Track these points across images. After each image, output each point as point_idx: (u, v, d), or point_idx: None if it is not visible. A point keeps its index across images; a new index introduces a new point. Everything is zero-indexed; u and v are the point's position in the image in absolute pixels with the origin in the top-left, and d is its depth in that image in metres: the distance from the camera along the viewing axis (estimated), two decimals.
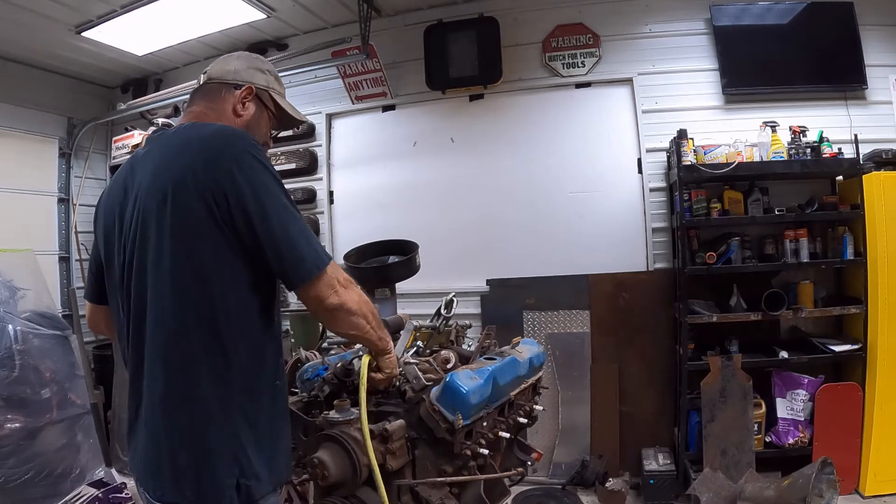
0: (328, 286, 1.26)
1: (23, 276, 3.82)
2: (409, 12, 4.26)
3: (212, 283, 1.21)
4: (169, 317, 1.21)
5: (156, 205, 1.21)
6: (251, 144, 1.26)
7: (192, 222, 1.19)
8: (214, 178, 1.19)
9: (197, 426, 1.20)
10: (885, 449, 3.16)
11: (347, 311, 1.30)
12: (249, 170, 1.21)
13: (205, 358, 1.20)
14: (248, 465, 1.22)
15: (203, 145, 1.24)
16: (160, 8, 3.71)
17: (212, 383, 1.21)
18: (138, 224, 1.24)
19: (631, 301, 3.80)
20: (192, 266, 1.20)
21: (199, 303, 1.20)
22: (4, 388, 3.28)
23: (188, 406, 1.20)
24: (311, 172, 4.54)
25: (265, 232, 1.20)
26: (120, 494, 3.53)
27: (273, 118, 1.54)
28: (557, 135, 4.04)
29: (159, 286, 1.21)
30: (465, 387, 1.69)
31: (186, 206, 1.19)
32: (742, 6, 3.74)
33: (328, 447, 1.62)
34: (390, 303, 2.47)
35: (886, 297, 3.17)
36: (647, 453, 3.57)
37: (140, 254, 1.24)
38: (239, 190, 1.19)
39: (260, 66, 1.52)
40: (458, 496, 1.83)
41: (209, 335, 1.21)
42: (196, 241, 1.20)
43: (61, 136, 4.80)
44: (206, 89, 1.47)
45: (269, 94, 1.51)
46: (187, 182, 1.20)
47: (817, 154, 3.36)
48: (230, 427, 1.21)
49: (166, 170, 1.23)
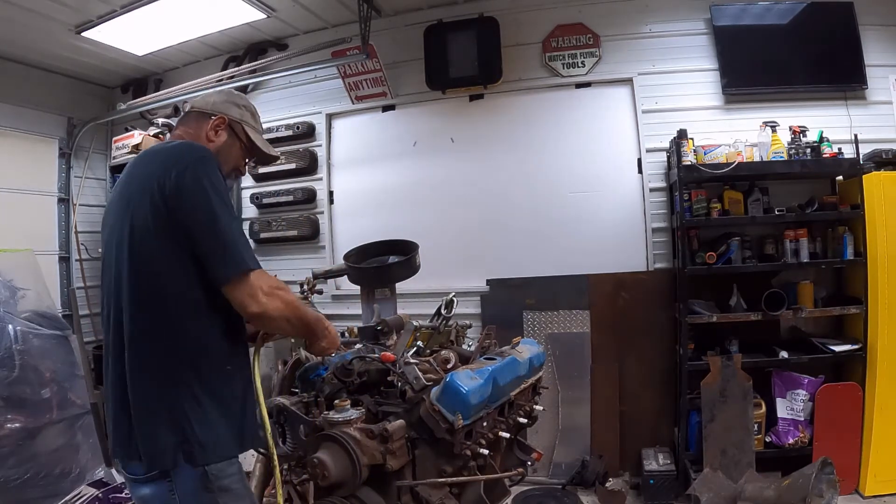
0: (248, 294, 1.39)
1: (23, 276, 3.82)
2: (409, 12, 4.25)
3: (162, 277, 1.39)
4: (129, 305, 1.39)
5: (123, 209, 1.43)
6: (203, 157, 1.44)
7: (143, 221, 1.38)
8: (161, 178, 1.38)
9: (147, 396, 1.38)
10: (885, 449, 3.16)
11: (269, 318, 1.43)
12: (193, 174, 1.38)
13: (157, 341, 1.38)
14: (191, 433, 1.37)
15: (162, 155, 1.45)
16: (160, 8, 3.71)
17: (162, 362, 1.38)
18: (113, 227, 1.47)
19: (631, 301, 3.80)
20: (145, 261, 1.39)
21: (152, 293, 1.39)
22: (4, 388, 3.28)
23: (141, 380, 1.38)
24: (311, 172, 4.54)
25: (199, 233, 1.38)
26: (120, 494, 3.53)
27: (245, 149, 1.70)
28: (558, 135, 4.04)
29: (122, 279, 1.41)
30: (465, 387, 1.70)
31: (142, 208, 1.39)
32: (742, 6, 3.74)
33: (328, 447, 1.63)
34: (390, 303, 2.47)
35: (886, 297, 3.17)
36: (647, 453, 3.57)
37: (110, 252, 1.47)
38: (183, 193, 1.37)
39: (237, 101, 1.71)
40: (458, 496, 1.83)
41: (161, 321, 1.39)
42: (149, 239, 1.38)
43: (61, 136, 4.80)
44: (188, 117, 1.68)
45: (241, 126, 1.68)
46: (144, 187, 1.40)
47: (817, 154, 3.36)
48: (174, 398, 1.38)
49: (133, 178, 1.46)
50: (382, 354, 1.89)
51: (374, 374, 1.94)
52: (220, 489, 1.40)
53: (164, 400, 1.37)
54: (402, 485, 1.69)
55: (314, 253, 4.55)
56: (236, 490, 1.44)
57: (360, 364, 1.92)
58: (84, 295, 4.80)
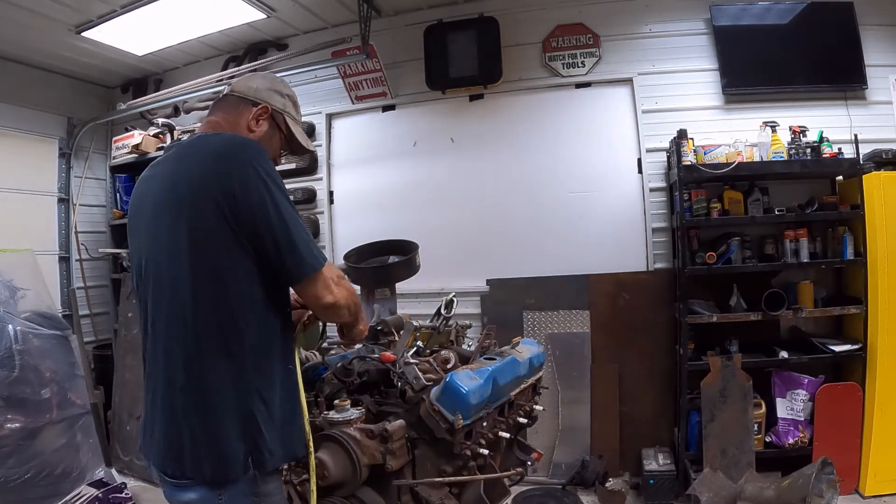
0: (324, 286, 1.39)
1: (23, 276, 3.81)
2: (409, 12, 4.25)
3: (225, 280, 1.32)
4: (187, 310, 1.32)
5: (172, 209, 1.34)
6: (259, 154, 1.37)
7: (205, 225, 1.31)
8: (225, 184, 1.30)
9: (215, 405, 1.31)
10: (885, 449, 3.16)
11: (338, 307, 1.44)
12: (256, 177, 1.32)
13: (219, 345, 1.32)
14: (261, 440, 1.33)
15: (216, 154, 1.36)
16: (160, 8, 3.71)
17: (226, 367, 1.32)
18: (156, 228, 1.37)
19: (631, 301, 3.80)
20: (206, 263, 1.32)
21: (215, 297, 1.32)
22: (4, 388, 3.28)
23: (207, 388, 1.31)
24: (311, 172, 4.54)
25: (269, 234, 1.32)
26: (120, 494, 3.54)
27: (284, 141, 1.63)
28: (558, 135, 4.04)
29: (177, 284, 1.33)
30: (465, 387, 1.69)
31: (201, 210, 1.31)
32: (742, 6, 3.74)
33: (328, 447, 1.63)
34: (390, 303, 2.47)
35: (886, 297, 3.17)
36: (647, 453, 3.57)
37: (156, 255, 1.37)
38: (247, 195, 1.30)
39: (281, 89, 1.62)
40: (458, 496, 1.83)
41: (224, 325, 1.32)
42: (210, 241, 1.31)
43: (61, 136, 4.80)
44: (226, 101, 1.57)
45: (283, 116, 1.60)
46: (201, 188, 1.32)
47: (817, 154, 3.36)
48: (243, 405, 1.32)
49: (181, 178, 1.36)
50: (382, 354, 1.89)
51: (374, 374, 1.94)
52: (265, 493, 1.37)
53: (235, 407, 1.32)
54: (401, 485, 1.69)
55: None
56: (277, 496, 1.43)
57: (360, 364, 1.92)
58: (84, 295, 4.81)
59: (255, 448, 1.33)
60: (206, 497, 1.32)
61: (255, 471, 1.33)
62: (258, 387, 1.35)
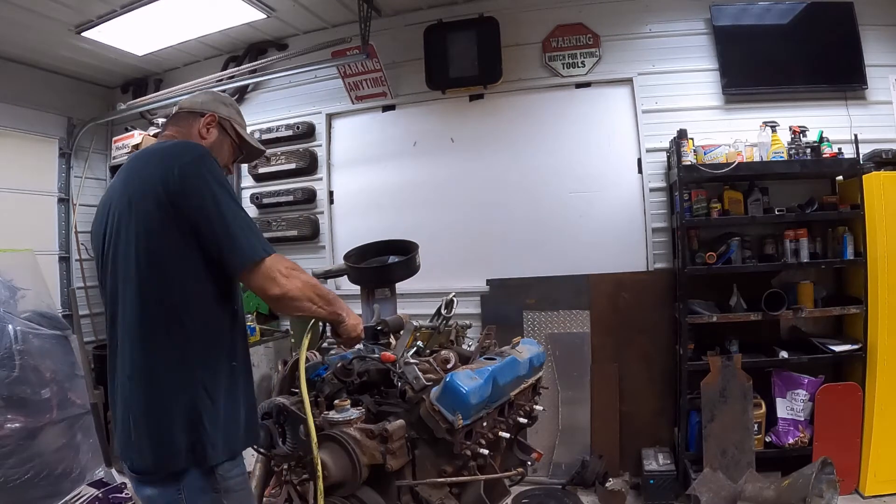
0: (267, 277, 1.40)
1: (23, 276, 3.81)
2: (409, 12, 4.25)
3: (170, 274, 1.39)
4: (136, 304, 1.39)
5: (124, 209, 1.42)
6: (203, 153, 1.46)
7: (150, 222, 1.38)
8: (167, 180, 1.38)
9: (159, 397, 1.37)
10: (885, 449, 3.16)
11: (290, 298, 1.44)
12: (195, 172, 1.40)
13: (166, 339, 1.38)
14: (203, 432, 1.37)
15: (162, 154, 1.45)
16: (160, 8, 3.71)
17: (172, 360, 1.38)
18: (113, 227, 1.45)
19: (631, 301, 3.79)
20: (152, 260, 1.39)
21: (160, 292, 1.39)
22: (4, 388, 3.28)
23: (152, 380, 1.38)
24: (311, 172, 4.54)
25: (208, 226, 1.38)
26: (120, 494, 3.53)
27: (235, 145, 1.74)
28: (557, 135, 4.04)
29: (128, 279, 1.41)
30: (465, 387, 1.70)
31: (146, 207, 1.39)
32: (742, 6, 3.74)
33: (328, 447, 1.63)
34: (390, 303, 2.47)
35: (886, 297, 3.17)
36: (647, 453, 3.57)
37: (113, 252, 1.45)
38: (188, 190, 1.38)
39: (223, 100, 1.76)
40: (458, 496, 1.83)
41: (170, 320, 1.38)
42: (154, 237, 1.38)
43: (61, 136, 4.80)
44: (177, 116, 1.70)
45: (230, 123, 1.72)
46: (147, 187, 1.40)
47: (817, 154, 3.36)
48: (188, 398, 1.38)
49: (133, 179, 1.45)
50: (382, 354, 1.89)
51: (374, 374, 1.94)
52: (226, 490, 1.41)
53: (178, 399, 1.37)
54: (402, 485, 1.69)
55: (314, 253, 4.55)
56: (241, 491, 1.45)
57: (360, 364, 1.92)
58: (84, 295, 4.81)
59: (198, 440, 1.36)
60: (166, 493, 1.37)
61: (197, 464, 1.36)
62: (203, 380, 1.39)
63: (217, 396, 1.41)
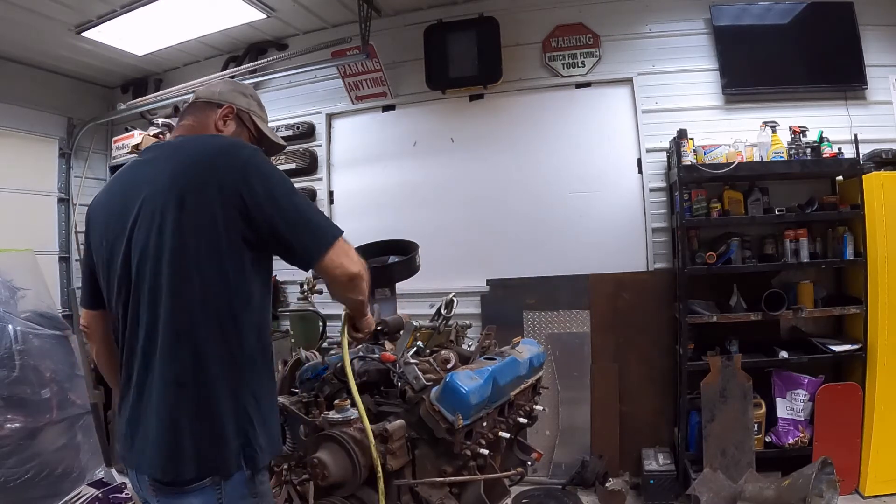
0: (346, 255, 1.39)
1: (23, 276, 3.81)
2: (409, 12, 4.25)
3: (229, 279, 1.33)
4: (193, 309, 1.31)
5: (173, 206, 1.32)
6: (256, 149, 1.42)
7: (210, 220, 1.31)
8: (231, 178, 1.32)
9: (214, 400, 1.30)
10: (885, 449, 3.16)
11: (361, 277, 1.43)
12: (257, 169, 1.35)
13: (221, 341, 1.32)
14: (253, 437, 1.34)
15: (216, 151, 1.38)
16: (160, 8, 3.71)
17: (225, 364, 1.32)
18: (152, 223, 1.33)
19: (631, 301, 3.79)
20: (213, 263, 1.32)
21: (218, 292, 1.32)
22: (4, 388, 3.28)
23: (206, 382, 1.31)
24: (311, 172, 4.54)
25: (280, 214, 1.33)
26: (120, 494, 3.53)
27: (253, 139, 1.65)
28: (557, 135, 4.04)
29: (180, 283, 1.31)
30: (465, 387, 1.69)
31: (205, 205, 1.31)
32: (742, 6, 3.74)
33: (328, 447, 1.63)
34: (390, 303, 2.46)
35: (886, 297, 3.17)
36: (647, 453, 3.57)
37: (156, 251, 1.32)
38: (253, 185, 1.32)
39: (243, 90, 1.68)
40: (458, 496, 1.83)
41: (225, 325, 1.33)
42: (215, 236, 1.31)
43: (61, 136, 4.80)
44: (194, 106, 1.62)
45: (249, 115, 1.64)
46: (206, 184, 1.32)
47: (817, 154, 3.36)
48: (239, 403, 1.33)
49: (183, 174, 1.35)
50: (382, 354, 1.89)
51: (374, 374, 1.94)
52: (260, 494, 1.38)
53: (231, 402, 1.32)
54: (402, 485, 1.69)
55: None
56: (268, 495, 1.44)
57: (360, 364, 1.92)
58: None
59: (248, 444, 1.33)
60: (206, 501, 1.30)
61: (247, 468, 1.33)
62: (252, 384, 1.36)
63: (261, 397, 1.38)
